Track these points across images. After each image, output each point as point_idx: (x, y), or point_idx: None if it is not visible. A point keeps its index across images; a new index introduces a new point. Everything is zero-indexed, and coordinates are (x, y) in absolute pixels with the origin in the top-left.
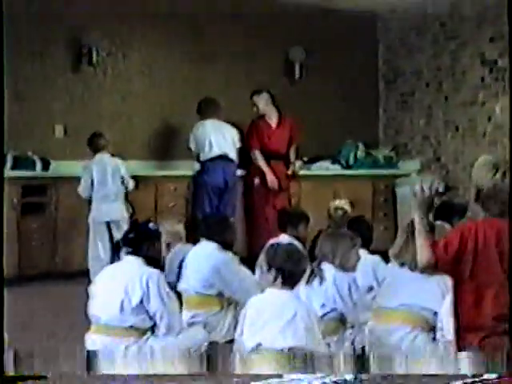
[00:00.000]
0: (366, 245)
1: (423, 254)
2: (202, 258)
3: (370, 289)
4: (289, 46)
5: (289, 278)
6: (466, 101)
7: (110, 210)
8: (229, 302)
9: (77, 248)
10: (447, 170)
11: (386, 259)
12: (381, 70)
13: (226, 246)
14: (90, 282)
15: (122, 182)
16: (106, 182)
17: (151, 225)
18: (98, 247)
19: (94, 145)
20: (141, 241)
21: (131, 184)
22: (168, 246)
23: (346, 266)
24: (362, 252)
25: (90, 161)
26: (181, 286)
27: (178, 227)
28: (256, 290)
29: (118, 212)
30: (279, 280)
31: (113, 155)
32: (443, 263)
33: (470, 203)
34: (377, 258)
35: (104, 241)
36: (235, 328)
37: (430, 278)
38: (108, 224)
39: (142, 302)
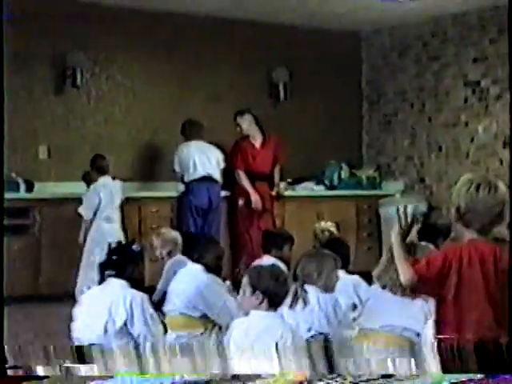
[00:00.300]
0: (344, 265)
1: (404, 271)
2: (187, 279)
3: (354, 307)
4: (273, 67)
5: (274, 300)
6: (449, 121)
7: (111, 230)
8: (213, 325)
9: (60, 270)
10: (431, 191)
11: (370, 280)
12: (364, 90)
13: (211, 268)
14: (74, 304)
15: (121, 204)
16: (111, 204)
17: (134, 246)
18: (95, 268)
19: (98, 167)
20: (124, 263)
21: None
22: (169, 253)
23: (329, 287)
24: (340, 272)
25: (97, 182)
26: (166, 307)
27: (174, 234)
28: (239, 313)
29: (119, 233)
30: (265, 302)
31: (114, 178)
32: (425, 281)
33: (452, 223)
34: (356, 277)
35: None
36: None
37: (413, 301)
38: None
39: (125, 324)
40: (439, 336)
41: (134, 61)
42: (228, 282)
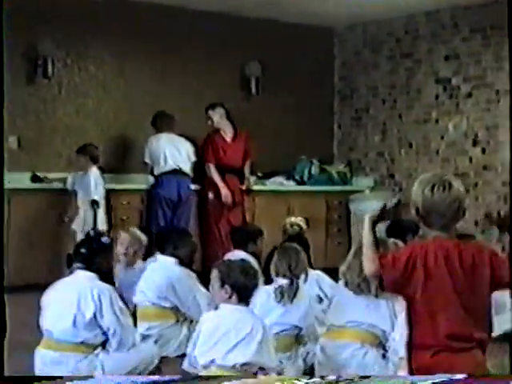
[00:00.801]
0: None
1: (370, 262)
2: (160, 271)
3: (320, 300)
4: (245, 62)
5: (244, 294)
6: (420, 118)
7: (100, 218)
8: (184, 317)
9: (29, 261)
10: (400, 187)
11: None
12: (336, 85)
13: (183, 261)
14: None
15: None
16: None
17: (104, 239)
18: None
19: (93, 156)
20: (93, 255)
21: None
22: (135, 253)
23: (297, 280)
24: None
25: (92, 170)
26: (137, 298)
27: (141, 234)
28: (209, 307)
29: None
30: (234, 296)
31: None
32: (389, 277)
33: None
34: (319, 272)
35: None
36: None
37: (378, 299)
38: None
39: (95, 317)
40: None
41: (107, 53)
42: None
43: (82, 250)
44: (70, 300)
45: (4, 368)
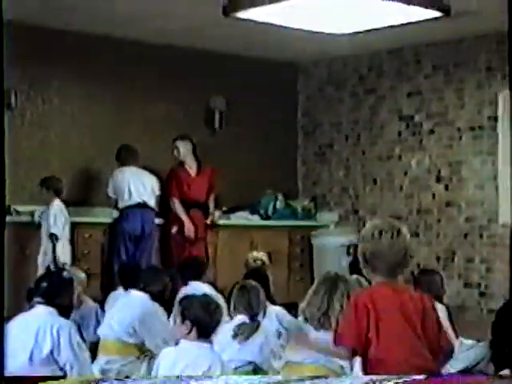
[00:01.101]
0: (267, 296)
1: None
2: (132, 306)
3: (279, 334)
4: (209, 95)
5: (204, 330)
6: (383, 154)
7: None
8: (145, 353)
9: None
10: (364, 223)
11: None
12: (300, 121)
13: (156, 297)
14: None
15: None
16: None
17: (65, 273)
18: None
19: (56, 189)
20: (54, 290)
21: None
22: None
23: (256, 316)
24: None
25: (54, 203)
26: (102, 331)
27: (81, 275)
28: (170, 343)
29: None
30: (194, 332)
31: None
32: (355, 344)
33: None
34: (280, 308)
35: None
36: None
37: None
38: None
39: (52, 352)
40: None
41: (71, 85)
42: None
43: (43, 285)
44: (27, 335)
45: (4, 368)
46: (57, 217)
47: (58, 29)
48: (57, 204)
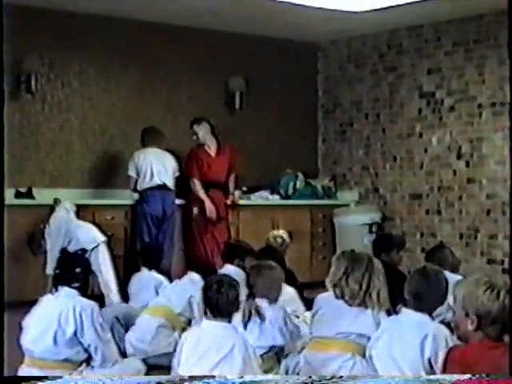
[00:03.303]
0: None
1: None
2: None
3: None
4: (229, 76)
5: (217, 310)
6: (404, 132)
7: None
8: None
9: (13, 278)
10: (385, 201)
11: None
12: (320, 100)
13: None
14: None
15: None
16: None
17: (85, 255)
18: None
19: None
20: (76, 272)
21: None
22: None
23: (274, 298)
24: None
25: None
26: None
27: None
28: None
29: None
30: (208, 312)
31: None
32: None
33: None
34: (292, 289)
35: None
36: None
37: (363, 308)
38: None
39: (75, 334)
40: None
41: (91, 68)
42: None
43: (65, 267)
44: (50, 317)
45: (4, 368)
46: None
47: (78, 12)
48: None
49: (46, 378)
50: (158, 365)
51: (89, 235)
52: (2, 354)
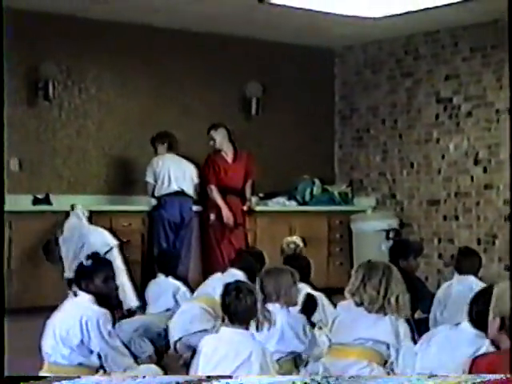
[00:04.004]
0: (306, 280)
1: None
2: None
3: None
4: (246, 82)
5: (235, 316)
6: (421, 138)
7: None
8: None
9: (31, 284)
10: (402, 207)
11: (342, 295)
12: (337, 105)
13: None
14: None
15: None
16: None
17: (85, 262)
18: None
19: None
20: (80, 277)
21: None
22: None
23: (291, 303)
24: (305, 287)
25: None
26: None
27: None
28: None
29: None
30: (226, 319)
31: None
32: None
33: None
34: (320, 294)
35: None
36: None
37: (382, 315)
38: None
39: (82, 342)
40: None
41: (107, 74)
42: None
43: (79, 272)
44: (63, 323)
45: (4, 368)
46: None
47: (94, 18)
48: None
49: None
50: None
51: (101, 239)
52: (2, 354)
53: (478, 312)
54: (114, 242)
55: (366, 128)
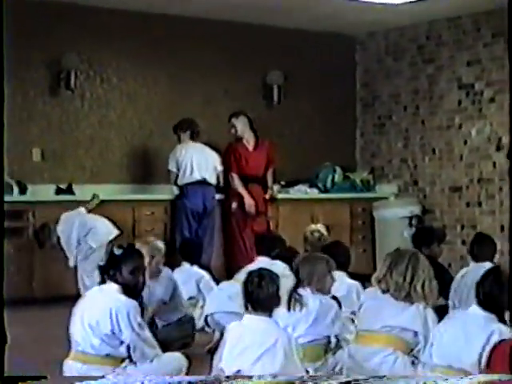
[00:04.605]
0: (344, 268)
1: None
2: None
3: (353, 313)
4: (267, 70)
5: (258, 304)
6: (443, 124)
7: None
8: None
9: (54, 273)
10: (424, 194)
11: (364, 281)
12: (358, 93)
13: None
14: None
15: None
16: None
17: (116, 250)
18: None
19: None
20: (109, 266)
21: None
22: (157, 263)
23: (324, 290)
24: (342, 275)
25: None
26: None
27: (159, 244)
28: None
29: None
30: (250, 306)
31: None
32: None
33: None
34: (356, 283)
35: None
36: None
37: (409, 303)
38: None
39: (113, 332)
40: None
41: (128, 63)
42: None
43: (109, 261)
44: (93, 312)
45: (4, 368)
46: None
47: (116, 8)
48: None
49: (45, 377)
50: None
51: (106, 227)
52: (2, 353)
53: (485, 294)
54: (116, 231)
55: (388, 115)
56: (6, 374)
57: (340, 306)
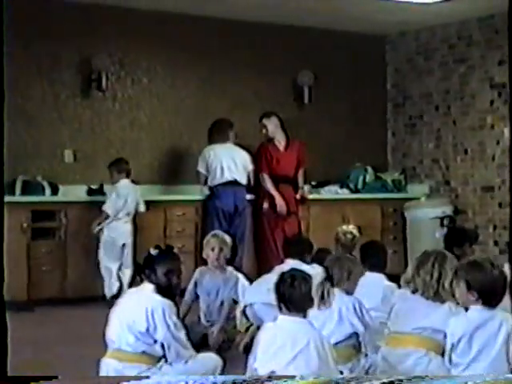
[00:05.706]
0: (382, 269)
1: None
2: None
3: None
4: (297, 70)
5: (291, 304)
6: (475, 124)
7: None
8: None
9: (86, 273)
10: (456, 194)
11: (396, 282)
12: (389, 93)
13: None
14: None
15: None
16: (127, 206)
17: (152, 251)
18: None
19: (119, 169)
20: (145, 266)
21: (143, 207)
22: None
23: (349, 291)
24: (380, 277)
25: (118, 183)
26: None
27: (227, 237)
28: None
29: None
30: (283, 307)
31: (133, 181)
32: None
33: None
34: (393, 284)
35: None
36: None
37: (439, 303)
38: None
39: (148, 330)
40: None
41: (159, 65)
42: None
43: (145, 260)
44: (128, 311)
45: (7, 368)
46: (116, 195)
47: (146, 10)
48: (122, 183)
49: (56, 377)
50: None
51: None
52: (5, 354)
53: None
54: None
55: (419, 115)
56: (30, 373)
57: (361, 304)
